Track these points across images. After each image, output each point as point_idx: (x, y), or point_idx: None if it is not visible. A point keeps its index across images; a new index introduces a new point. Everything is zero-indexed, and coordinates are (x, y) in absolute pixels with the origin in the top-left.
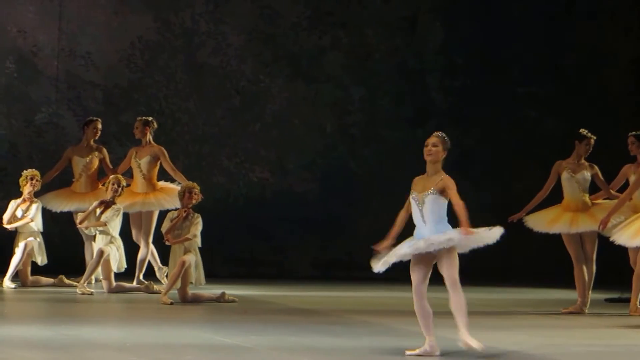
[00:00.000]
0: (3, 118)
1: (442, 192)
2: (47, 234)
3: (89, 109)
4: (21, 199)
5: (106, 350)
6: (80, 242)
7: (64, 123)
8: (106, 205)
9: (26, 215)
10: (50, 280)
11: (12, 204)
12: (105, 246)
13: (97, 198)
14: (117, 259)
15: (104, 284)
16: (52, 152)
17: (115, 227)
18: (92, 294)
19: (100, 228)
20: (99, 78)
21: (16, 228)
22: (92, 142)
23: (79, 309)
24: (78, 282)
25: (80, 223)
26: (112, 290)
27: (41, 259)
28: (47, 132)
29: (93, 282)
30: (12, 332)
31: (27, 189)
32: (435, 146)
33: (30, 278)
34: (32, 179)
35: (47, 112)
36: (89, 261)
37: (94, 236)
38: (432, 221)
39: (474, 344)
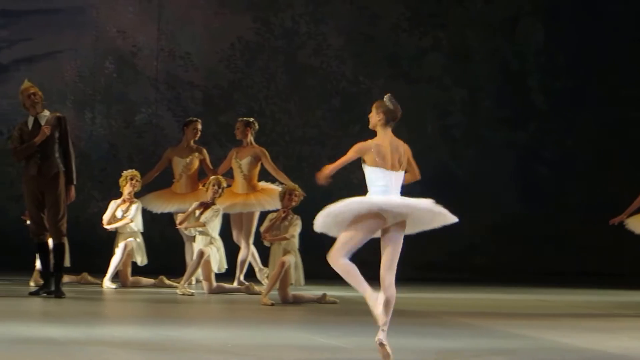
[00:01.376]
0: (103, 118)
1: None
2: (148, 235)
3: (188, 110)
4: (121, 199)
5: (207, 351)
6: (180, 242)
7: (164, 124)
8: (206, 206)
9: (126, 215)
10: (151, 280)
11: (112, 204)
12: (206, 247)
13: (197, 199)
14: (217, 259)
15: (205, 284)
16: (151, 152)
17: (215, 227)
18: (192, 294)
19: (200, 229)
20: (198, 78)
21: (116, 229)
22: (192, 142)
23: (179, 309)
24: (178, 282)
25: (180, 224)
26: (212, 291)
27: (141, 260)
28: (146, 133)
29: (193, 282)
30: (112, 332)
31: (127, 190)
32: (370, 112)
33: (131, 279)
34: (132, 180)
35: (147, 113)
36: (189, 262)
37: (194, 237)
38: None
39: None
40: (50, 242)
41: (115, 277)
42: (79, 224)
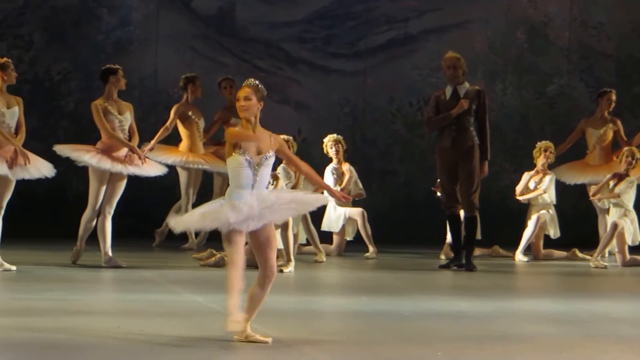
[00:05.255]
0: (514, 89)
1: (277, 152)
2: (560, 207)
3: (601, 80)
4: (534, 170)
5: (622, 323)
6: (593, 214)
7: (576, 94)
8: (620, 177)
9: (539, 187)
10: (563, 253)
11: (526, 175)
12: (619, 219)
13: (610, 170)
14: (631, 232)
15: (618, 257)
16: (563, 123)
17: (630, 199)
18: (605, 267)
19: (614, 200)
20: (611, 48)
21: (529, 200)
22: (606, 113)
23: (592, 282)
24: (591, 255)
25: (593, 195)
26: (626, 264)
27: (554, 232)
28: (558, 104)
29: (607, 255)
30: (523, 305)
31: (540, 161)
32: (248, 99)
33: (543, 251)
34: (545, 151)
35: (559, 84)
36: (603, 234)
37: (608, 209)
38: (262, 187)
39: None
40: (461, 214)
41: (527, 250)
42: (490, 196)
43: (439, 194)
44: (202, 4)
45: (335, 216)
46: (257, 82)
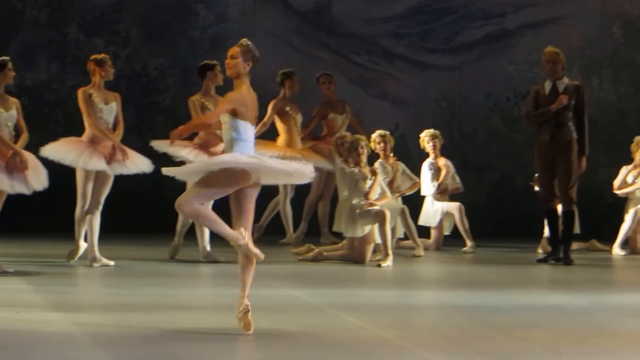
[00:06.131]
0: (610, 84)
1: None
2: None
3: None
4: (632, 164)
5: None
6: None
7: None
8: None
9: (637, 181)
10: None
11: (623, 170)
12: None
13: None
14: None
15: None
16: None
17: None
18: None
19: None
20: None
21: (626, 194)
22: None
23: None
24: None
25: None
26: None
27: None
28: None
29: None
30: (622, 299)
31: (638, 155)
32: (233, 58)
33: (639, 245)
34: None
35: None
36: None
37: None
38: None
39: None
40: (559, 208)
41: (625, 244)
42: (587, 190)
43: (536, 188)
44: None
45: (433, 211)
46: (249, 43)
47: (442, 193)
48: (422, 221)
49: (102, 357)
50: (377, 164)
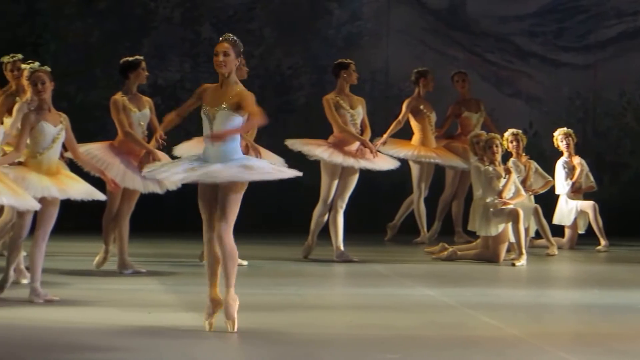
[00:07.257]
0: None
1: (237, 108)
2: None
3: None
4: None
5: None
6: None
7: None
8: None
9: None
10: None
11: None
12: None
13: None
14: None
15: None
16: None
17: None
18: None
19: None
20: None
21: None
22: None
23: None
24: None
25: None
26: None
27: None
28: None
29: None
30: None
31: None
32: (227, 55)
33: None
34: None
35: None
36: None
37: None
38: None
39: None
40: None
41: None
42: None
43: None
44: None
45: (567, 209)
46: (234, 36)
47: (576, 192)
48: (556, 220)
49: (237, 357)
50: (510, 163)
